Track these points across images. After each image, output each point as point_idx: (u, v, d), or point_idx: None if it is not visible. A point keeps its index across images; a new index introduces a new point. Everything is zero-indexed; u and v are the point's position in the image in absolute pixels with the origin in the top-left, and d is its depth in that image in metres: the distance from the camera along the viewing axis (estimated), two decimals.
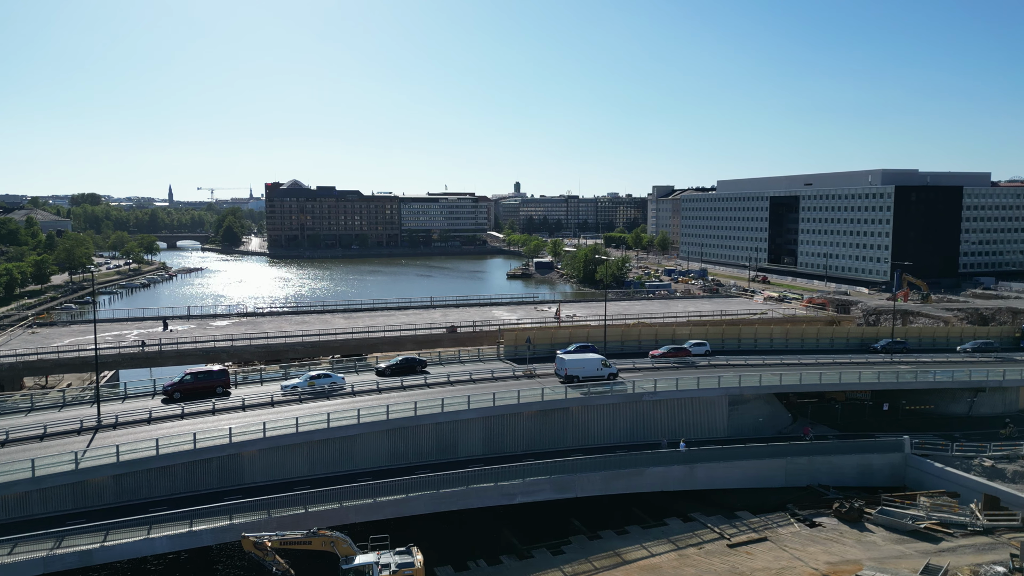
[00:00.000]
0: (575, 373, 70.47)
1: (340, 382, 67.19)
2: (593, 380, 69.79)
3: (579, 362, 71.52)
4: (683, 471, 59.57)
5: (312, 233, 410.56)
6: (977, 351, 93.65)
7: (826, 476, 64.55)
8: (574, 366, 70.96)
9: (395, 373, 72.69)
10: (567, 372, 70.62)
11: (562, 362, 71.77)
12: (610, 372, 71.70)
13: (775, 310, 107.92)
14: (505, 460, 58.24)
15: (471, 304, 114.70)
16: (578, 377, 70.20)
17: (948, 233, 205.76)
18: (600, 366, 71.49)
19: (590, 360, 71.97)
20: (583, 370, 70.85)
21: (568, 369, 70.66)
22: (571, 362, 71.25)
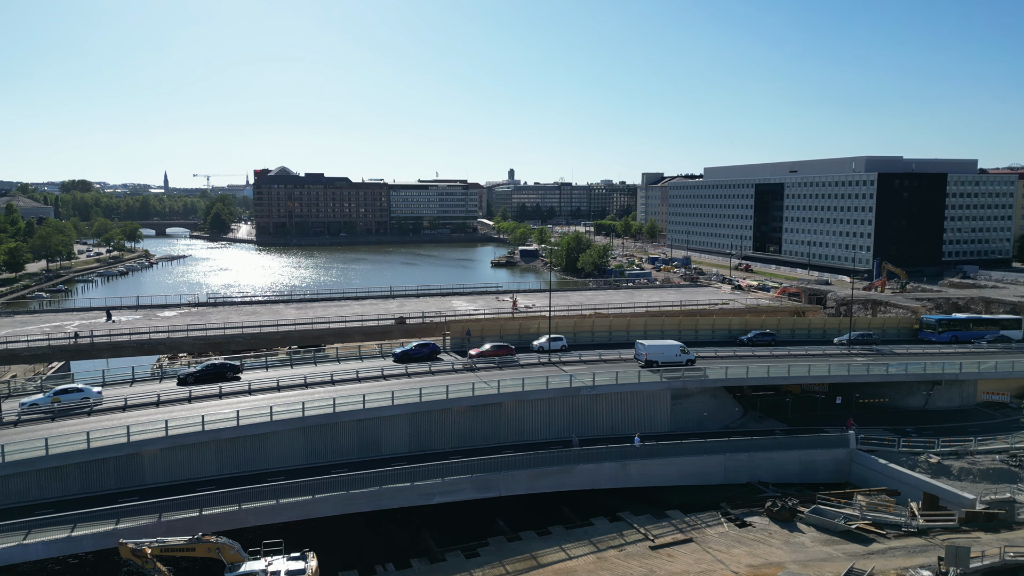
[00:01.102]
0: (654, 358, 73.43)
1: (95, 396, 58.28)
2: (672, 365, 72.61)
3: (658, 348, 74.50)
4: (615, 468, 57.85)
5: (300, 220, 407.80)
6: (853, 343, 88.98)
7: (767, 473, 62.88)
8: (653, 352, 73.91)
9: (199, 381, 64.44)
10: (647, 357, 73.52)
11: (641, 347, 74.72)
12: (688, 359, 74.37)
13: (738, 300, 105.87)
14: (432, 458, 56.53)
15: (431, 294, 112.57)
16: (657, 362, 72.99)
17: (932, 221, 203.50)
18: (679, 352, 74.37)
19: (669, 346, 75.03)
20: (662, 355, 73.74)
21: (648, 355, 73.62)
22: (651, 348, 74.23)
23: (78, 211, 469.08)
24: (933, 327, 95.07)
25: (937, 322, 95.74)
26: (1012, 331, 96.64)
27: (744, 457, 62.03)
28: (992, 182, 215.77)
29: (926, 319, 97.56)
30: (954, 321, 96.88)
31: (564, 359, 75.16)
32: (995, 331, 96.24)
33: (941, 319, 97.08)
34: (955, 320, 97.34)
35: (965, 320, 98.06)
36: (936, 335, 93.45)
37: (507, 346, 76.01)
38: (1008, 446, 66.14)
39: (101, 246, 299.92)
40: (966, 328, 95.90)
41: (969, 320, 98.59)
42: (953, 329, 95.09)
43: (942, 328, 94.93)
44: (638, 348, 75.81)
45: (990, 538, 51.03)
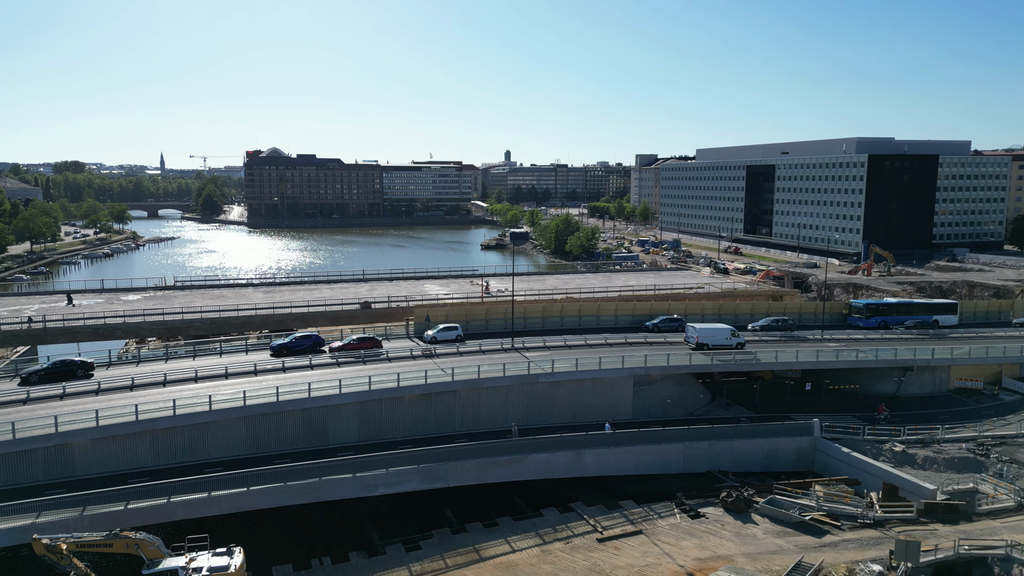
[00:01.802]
0: (705, 341, 74.20)
1: None
2: (722, 348, 73.53)
3: (709, 331, 75.20)
4: (569, 457, 56.54)
5: (292, 202, 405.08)
6: (766, 329, 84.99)
7: (728, 462, 61.61)
8: (705, 334, 74.67)
9: (44, 380, 58.01)
10: (698, 340, 74.41)
11: (692, 330, 75.41)
12: (738, 342, 75.06)
13: (715, 284, 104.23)
14: (383, 447, 55.24)
15: (404, 278, 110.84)
16: (708, 345, 73.81)
17: (923, 203, 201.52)
18: (729, 335, 74.97)
19: (720, 329, 75.61)
20: (713, 338, 74.41)
21: (699, 337, 74.40)
22: (702, 330, 75.01)
23: (70, 193, 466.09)
24: (861, 312, 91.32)
25: (865, 307, 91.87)
26: (946, 316, 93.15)
27: (704, 446, 60.73)
28: (985, 164, 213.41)
29: (854, 303, 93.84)
30: (883, 306, 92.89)
31: (528, 344, 73.68)
32: (927, 316, 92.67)
33: (869, 303, 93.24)
34: (884, 305, 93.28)
35: (895, 305, 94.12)
36: (863, 320, 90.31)
37: (372, 339, 70.05)
38: (976, 434, 64.91)
39: (89, 228, 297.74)
40: (896, 313, 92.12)
41: (900, 305, 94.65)
42: (881, 314, 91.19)
43: (869, 313, 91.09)
44: (688, 331, 76.57)
45: (947, 530, 49.81)
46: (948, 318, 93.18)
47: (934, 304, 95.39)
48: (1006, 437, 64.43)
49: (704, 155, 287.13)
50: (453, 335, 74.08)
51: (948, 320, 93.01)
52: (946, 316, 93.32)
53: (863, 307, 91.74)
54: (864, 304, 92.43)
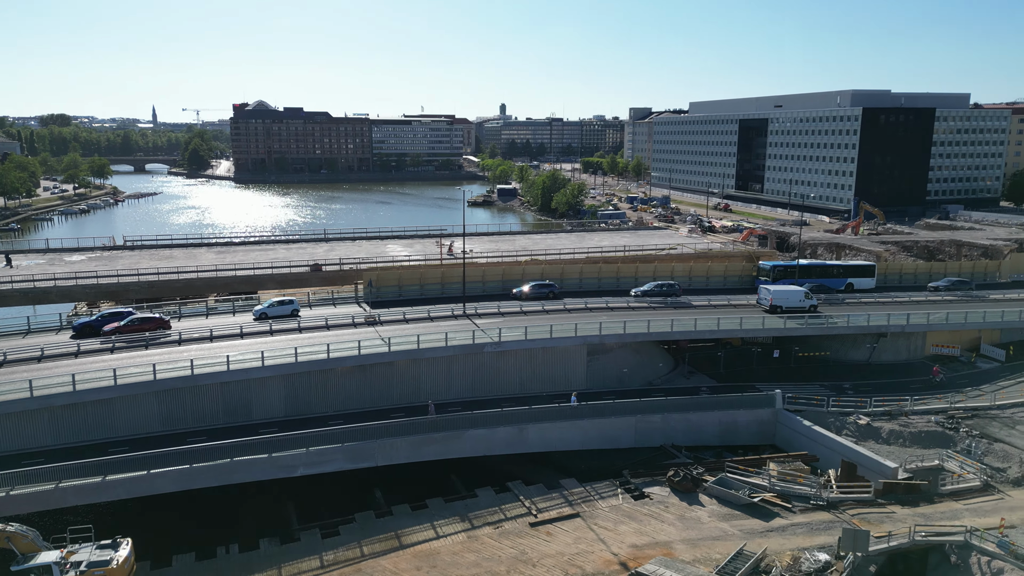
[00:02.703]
0: (779, 303, 73.18)
1: None
2: (796, 311, 72.65)
3: (783, 292, 74.20)
4: (511, 433, 53.21)
5: (279, 157, 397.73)
6: (648, 295, 77.58)
7: (683, 435, 58.37)
8: (779, 296, 73.66)
9: None
10: (772, 302, 73.36)
11: (766, 292, 74.43)
12: (811, 304, 73.98)
13: (689, 244, 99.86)
14: (311, 423, 52.08)
15: (367, 237, 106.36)
16: (781, 307, 72.87)
17: (918, 158, 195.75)
18: (803, 297, 74.00)
19: (794, 291, 74.52)
20: (787, 300, 73.42)
21: (773, 299, 73.40)
22: (776, 292, 74.03)
23: (55, 147, 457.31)
24: (768, 274, 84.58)
25: (772, 269, 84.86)
26: (863, 279, 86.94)
27: (657, 419, 57.39)
28: (984, 118, 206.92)
29: (762, 265, 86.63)
30: (791, 268, 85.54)
31: (482, 311, 69.87)
32: (840, 280, 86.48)
33: (776, 266, 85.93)
34: (792, 267, 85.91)
35: (806, 267, 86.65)
36: (767, 282, 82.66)
37: (158, 319, 61.70)
38: (947, 406, 61.53)
39: (68, 183, 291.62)
40: (806, 276, 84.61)
41: (810, 267, 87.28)
42: (789, 277, 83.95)
43: (777, 275, 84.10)
44: (762, 292, 75.04)
45: (905, 513, 46.72)
46: (864, 281, 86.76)
47: (850, 267, 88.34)
48: (978, 409, 61.07)
49: (697, 108, 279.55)
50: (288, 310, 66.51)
51: (864, 283, 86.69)
52: (862, 279, 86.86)
53: (769, 269, 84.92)
54: (771, 266, 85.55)
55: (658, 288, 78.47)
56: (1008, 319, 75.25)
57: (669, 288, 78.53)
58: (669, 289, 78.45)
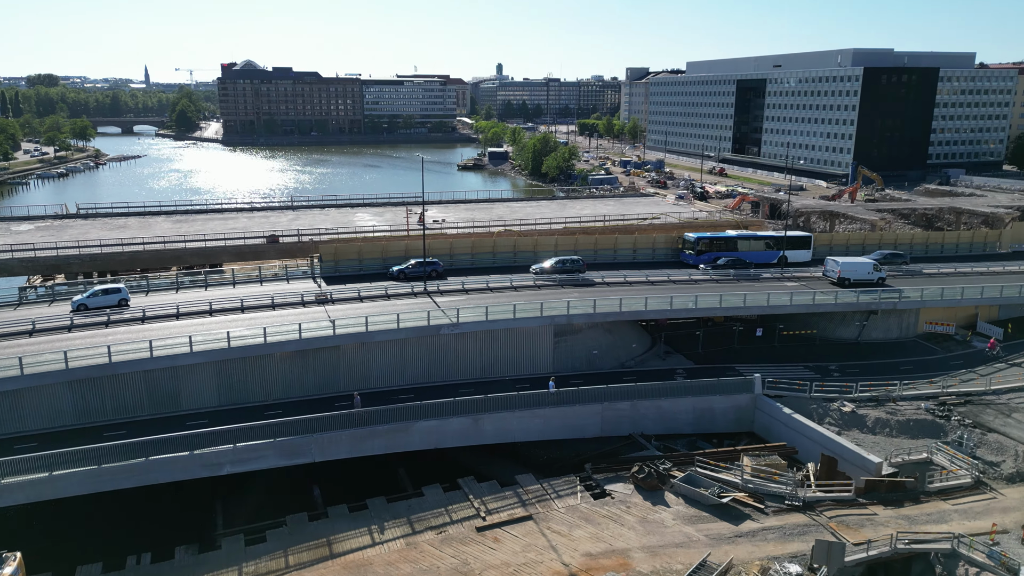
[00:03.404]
0: (847, 275, 71.47)
1: None
2: (864, 284, 70.86)
3: (852, 265, 72.42)
4: (464, 424, 49.12)
5: (268, 119, 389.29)
6: (557, 272, 70.08)
7: (654, 423, 54.35)
8: (847, 268, 71.88)
9: None
10: (840, 274, 71.69)
11: (834, 264, 72.53)
12: (879, 276, 72.23)
13: (674, 213, 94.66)
14: (247, 413, 48.08)
15: (337, 205, 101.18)
16: (849, 280, 71.17)
17: (920, 120, 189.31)
18: (871, 270, 72.26)
19: (862, 263, 72.82)
20: (855, 273, 71.69)
21: (841, 271, 71.68)
22: (845, 264, 72.11)
23: (42, 108, 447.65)
24: (692, 246, 77.34)
25: (697, 240, 77.22)
26: (798, 251, 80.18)
27: (625, 407, 53.28)
28: (989, 78, 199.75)
29: (687, 237, 78.67)
30: (718, 240, 78.50)
31: (444, 288, 65.35)
32: (772, 253, 79.44)
33: (702, 237, 78.01)
34: (719, 239, 78.73)
35: (734, 239, 79.59)
36: (693, 257, 77.05)
37: None
38: (939, 390, 57.37)
39: (50, 146, 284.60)
40: (734, 248, 78.12)
41: (739, 238, 79.98)
42: (716, 250, 77.26)
43: (703, 247, 77.02)
44: (829, 264, 73.11)
45: (888, 515, 42.81)
46: (799, 254, 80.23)
47: (783, 238, 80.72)
48: (972, 395, 56.95)
49: (694, 68, 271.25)
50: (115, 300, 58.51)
51: (799, 256, 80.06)
52: (797, 251, 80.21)
53: (693, 241, 77.31)
54: (695, 238, 77.55)
55: (559, 265, 70.70)
56: (1008, 294, 70.78)
57: (573, 264, 71.02)
58: (572, 265, 70.94)
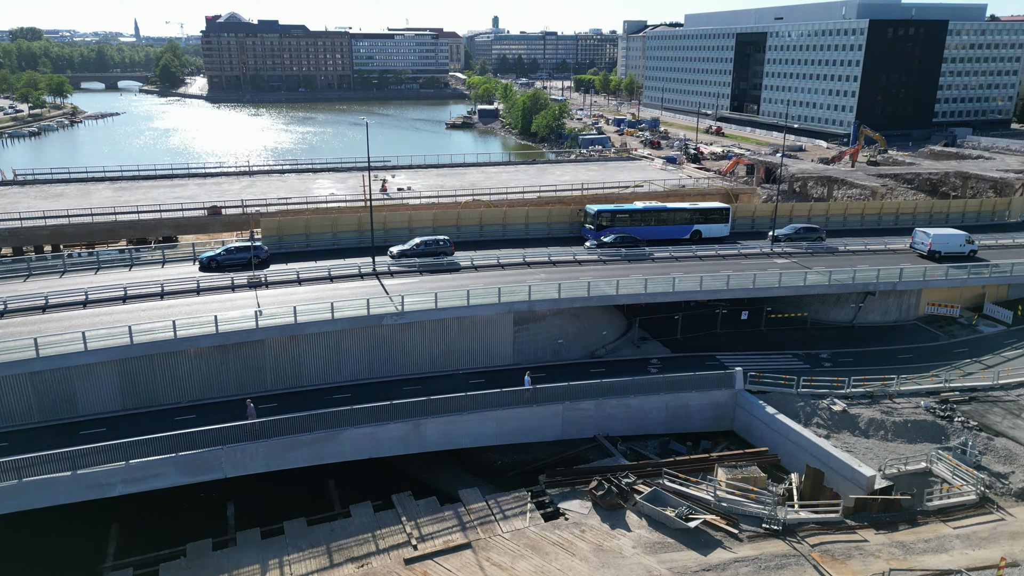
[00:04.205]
0: (939, 248, 68.51)
1: None
2: (955, 257, 67.83)
3: (944, 237, 69.24)
4: (403, 431, 43.34)
5: (254, 74, 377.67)
6: (418, 256, 60.38)
7: (622, 423, 48.67)
8: (939, 241, 68.78)
9: None
10: (930, 247, 68.67)
11: (924, 236, 69.47)
12: (972, 249, 69.08)
13: (655, 181, 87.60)
14: (157, 417, 42.42)
15: (298, 170, 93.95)
16: (940, 253, 68.14)
17: (926, 76, 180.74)
18: (963, 242, 69.14)
19: (954, 236, 69.57)
20: (946, 245, 68.73)
21: (932, 243, 68.65)
22: (936, 237, 68.94)
23: (24, 62, 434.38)
24: (592, 220, 68.38)
25: (597, 214, 67.76)
26: (714, 226, 71.59)
27: (589, 406, 47.50)
28: (1001, 31, 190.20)
29: (587, 210, 69.58)
30: (621, 213, 69.03)
31: (395, 269, 58.95)
32: (685, 227, 70.94)
33: (602, 210, 68.36)
34: (623, 212, 69.35)
35: (639, 211, 70.08)
36: (594, 232, 67.87)
37: None
38: (941, 384, 51.55)
39: (24, 102, 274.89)
40: (640, 222, 69.10)
41: (644, 211, 70.34)
42: (620, 224, 68.27)
43: (604, 221, 67.77)
44: (918, 236, 70.15)
45: (880, 542, 37.25)
46: (715, 228, 71.68)
47: (699, 210, 71.81)
48: (977, 390, 51.14)
49: (692, 21, 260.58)
50: None
51: (715, 231, 71.68)
52: (713, 226, 71.65)
53: (594, 214, 67.95)
54: (596, 211, 68.05)
55: (421, 247, 60.69)
56: (1018, 272, 64.59)
57: (438, 246, 61.21)
58: (438, 247, 61.19)
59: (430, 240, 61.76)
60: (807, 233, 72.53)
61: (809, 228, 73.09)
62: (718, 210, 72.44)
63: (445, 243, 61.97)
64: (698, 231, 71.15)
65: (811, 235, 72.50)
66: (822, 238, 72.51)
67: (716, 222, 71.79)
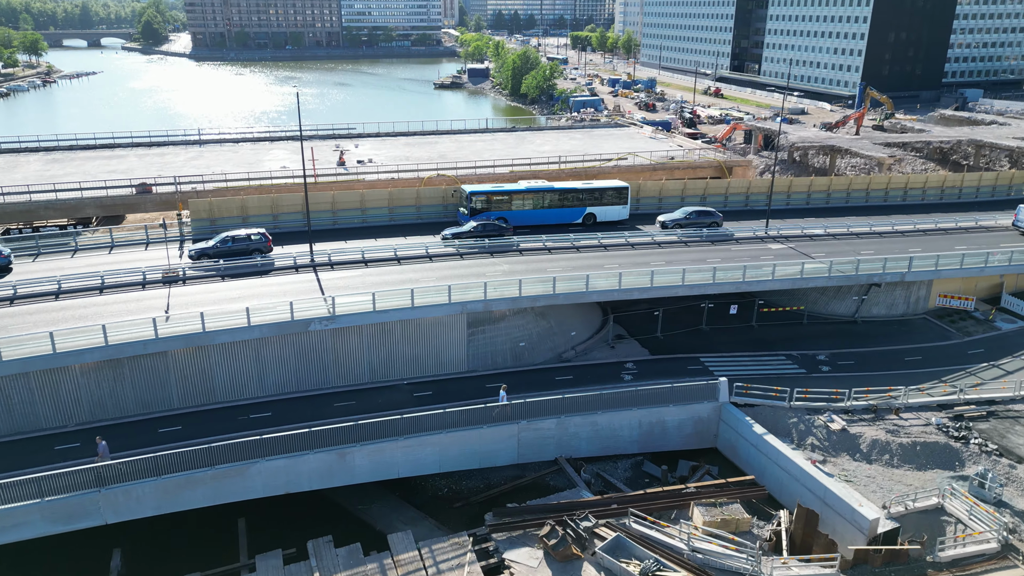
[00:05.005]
0: None
1: None
2: None
3: None
4: (326, 461, 36.97)
5: (240, 31, 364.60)
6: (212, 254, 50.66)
7: (588, 443, 42.44)
8: None
9: None
10: None
11: None
12: None
13: (641, 152, 79.81)
14: (31, 448, 36.08)
15: (254, 139, 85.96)
16: None
17: (937, 32, 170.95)
18: None
19: None
20: None
21: None
22: None
23: (3, 18, 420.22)
24: (465, 203, 59.96)
25: (470, 196, 59.38)
26: (610, 208, 62.56)
27: (550, 425, 41.14)
28: None
29: (461, 190, 60.96)
30: (499, 195, 60.20)
31: (337, 259, 51.91)
32: (576, 210, 62.03)
33: (474, 192, 59.72)
34: (502, 193, 60.40)
35: (523, 193, 61.02)
36: (466, 217, 59.38)
37: None
38: (955, 396, 45.03)
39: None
40: (522, 205, 60.57)
41: (531, 193, 61.19)
42: (498, 208, 59.67)
43: (480, 204, 59.27)
44: (1021, 213, 65.60)
45: None
46: (611, 211, 62.68)
47: (592, 190, 62.56)
48: (996, 403, 44.67)
49: None
50: None
51: (612, 214, 62.74)
52: (609, 208, 62.62)
53: (467, 196, 59.60)
54: (469, 192, 59.64)
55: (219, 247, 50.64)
56: None
57: (243, 243, 50.92)
58: (243, 244, 50.89)
59: (232, 237, 50.99)
60: (700, 218, 62.32)
61: (703, 211, 62.74)
62: (615, 190, 62.61)
63: (254, 240, 50.95)
64: (592, 214, 61.96)
65: (705, 220, 62.34)
66: (718, 224, 62.39)
67: (613, 204, 62.39)
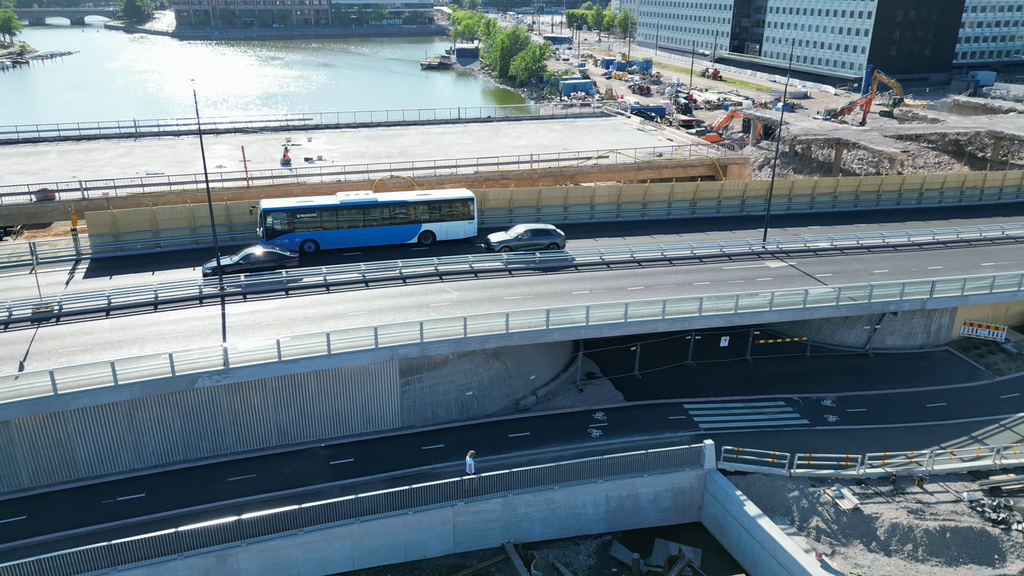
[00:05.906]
0: None
1: None
2: None
3: None
4: (200, 568, 29.15)
5: (224, 8, 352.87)
6: None
7: (543, 524, 34.71)
8: None
9: None
10: None
11: None
12: None
13: (626, 148, 71.06)
14: None
15: (194, 132, 77.39)
16: None
17: (948, 11, 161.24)
18: None
19: None
20: None
21: None
22: None
23: None
24: (263, 222, 47.79)
25: (263, 215, 47.72)
26: (453, 224, 51.62)
27: (493, 507, 33.34)
28: None
29: (262, 207, 48.35)
30: (306, 212, 48.78)
31: (256, 287, 43.67)
32: (408, 227, 50.75)
33: (272, 210, 48.06)
34: (309, 211, 48.90)
35: (337, 209, 49.32)
36: (264, 243, 47.67)
37: None
38: (989, 461, 37.24)
39: None
40: (336, 224, 49.09)
41: (346, 209, 49.44)
42: (304, 228, 48.58)
43: (280, 225, 48.05)
44: None
45: None
46: (454, 227, 51.72)
47: (429, 203, 51.35)
48: None
49: None
50: None
51: (456, 231, 51.82)
52: (451, 224, 51.68)
53: (262, 215, 47.92)
54: (264, 211, 47.94)
55: None
56: None
57: None
58: None
59: None
60: (537, 238, 51.10)
61: (541, 231, 51.46)
62: (459, 201, 51.75)
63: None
64: (429, 232, 51.13)
65: (542, 240, 51.11)
66: (558, 244, 51.09)
67: (456, 219, 51.64)
